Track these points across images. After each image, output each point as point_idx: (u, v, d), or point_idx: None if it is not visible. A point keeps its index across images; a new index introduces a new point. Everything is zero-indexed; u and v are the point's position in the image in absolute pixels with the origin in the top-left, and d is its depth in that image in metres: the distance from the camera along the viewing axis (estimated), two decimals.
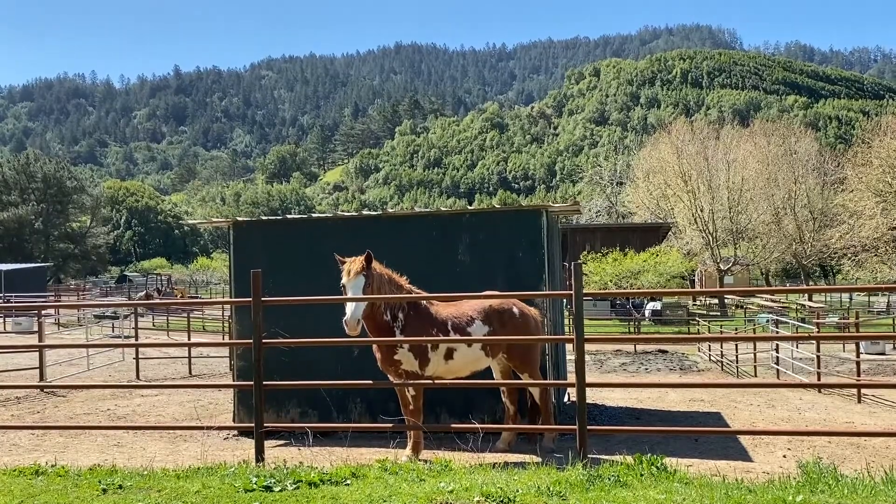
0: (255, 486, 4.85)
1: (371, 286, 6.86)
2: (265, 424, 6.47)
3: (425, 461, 6.18)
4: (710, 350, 21.74)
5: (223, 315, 29.78)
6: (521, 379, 7.88)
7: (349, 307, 6.60)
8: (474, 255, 9.12)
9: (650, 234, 44.78)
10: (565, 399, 11.36)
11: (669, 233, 49.35)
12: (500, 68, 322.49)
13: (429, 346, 7.25)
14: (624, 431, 8.44)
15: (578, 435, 5.90)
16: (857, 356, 14.30)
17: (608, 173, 72.47)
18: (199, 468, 5.57)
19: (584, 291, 6.10)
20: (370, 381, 7.53)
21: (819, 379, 14.26)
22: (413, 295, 7.37)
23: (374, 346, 7.37)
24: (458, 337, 7.35)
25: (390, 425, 7.06)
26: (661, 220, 50.86)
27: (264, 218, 11.08)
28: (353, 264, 6.89)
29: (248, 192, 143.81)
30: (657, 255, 38.83)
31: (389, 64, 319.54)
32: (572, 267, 6.10)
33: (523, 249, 8.98)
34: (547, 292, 8.85)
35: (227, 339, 23.36)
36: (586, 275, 37.05)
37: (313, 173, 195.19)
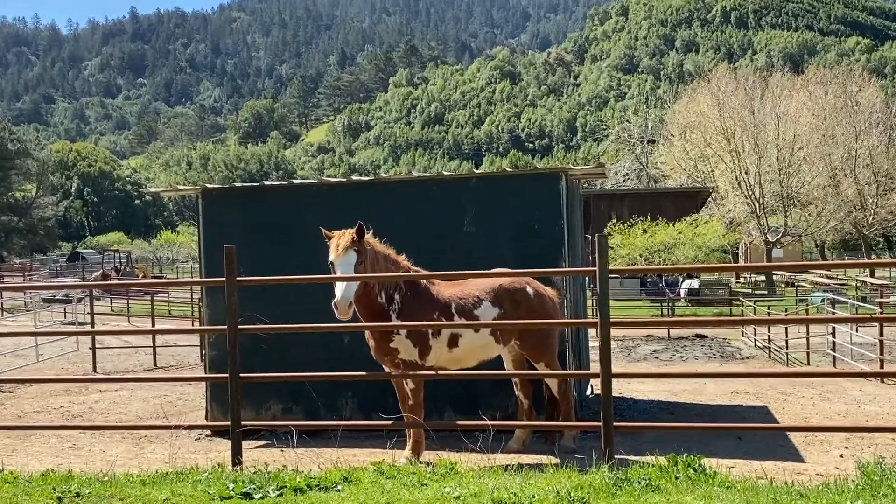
0: (231, 494, 4.85)
1: (363, 263, 6.88)
2: (243, 422, 6.52)
3: (427, 463, 6.23)
4: (755, 335, 21.81)
5: (192, 298, 29.94)
6: (536, 369, 7.92)
7: (338, 288, 6.62)
8: (482, 226, 9.12)
9: (687, 201, 44.67)
10: (588, 392, 11.43)
11: (709, 199, 49.22)
12: (510, 7, 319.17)
13: (430, 331, 7.29)
14: (656, 428, 8.49)
15: (603, 432, 5.94)
16: None
17: (638, 130, 72.07)
18: (167, 473, 5.61)
19: (610, 268, 6.09)
20: (363, 373, 7.58)
21: (882, 367, 14.30)
22: (411, 273, 7.39)
23: (368, 333, 7.41)
24: (463, 321, 7.38)
25: (387, 423, 7.10)
26: (699, 185, 50.71)
27: (238, 185, 11.06)
28: (342, 238, 6.90)
29: (219, 154, 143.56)
30: (695, 226, 38.77)
31: (381, 3, 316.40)
32: (596, 239, 6.09)
33: (539, 219, 8.98)
34: (567, 269, 8.85)
35: (196, 326, 23.48)
36: (612, 248, 37.07)
37: (294, 133, 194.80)
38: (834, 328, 17.52)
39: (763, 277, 45.29)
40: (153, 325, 21.84)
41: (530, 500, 4.51)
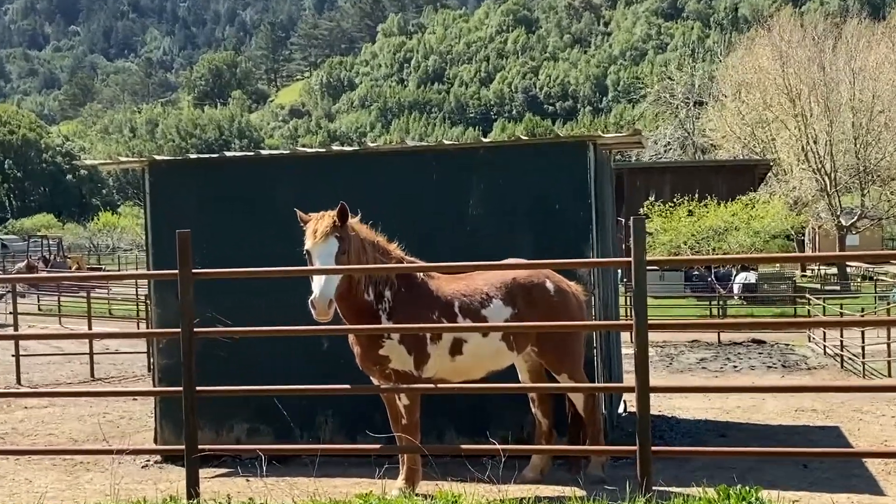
0: None
1: (347, 253, 6.91)
2: (200, 446, 6.54)
3: (425, 496, 6.25)
4: (824, 339, 21.84)
5: (137, 294, 29.99)
6: (557, 381, 7.95)
7: (317, 283, 6.65)
8: (491, 207, 9.14)
9: (741, 177, 44.67)
10: (620, 409, 11.48)
11: (769, 174, 49.23)
12: None
13: (428, 335, 7.33)
14: (704, 453, 8.52)
15: (639, 459, 5.96)
16: None
17: (682, 89, 71.89)
18: None
19: (648, 258, 6.09)
20: (346, 387, 7.60)
21: None
22: (406, 265, 7.42)
23: (352, 338, 7.44)
24: (468, 323, 7.42)
25: (375, 447, 7.14)
26: (756, 157, 50.70)
27: (193, 157, 11.07)
28: (320, 222, 6.92)
29: (170, 119, 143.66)
30: (751, 207, 38.79)
31: None
32: (631, 224, 6.09)
33: (561, 199, 8.98)
34: (596, 260, 8.87)
35: (143, 329, 23.53)
36: (650, 234, 37.05)
37: (261, 92, 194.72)
38: None
39: (834, 270, 45.37)
40: (90, 328, 21.87)
41: None
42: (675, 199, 39.59)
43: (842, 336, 20.36)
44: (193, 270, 6.58)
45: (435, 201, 9.23)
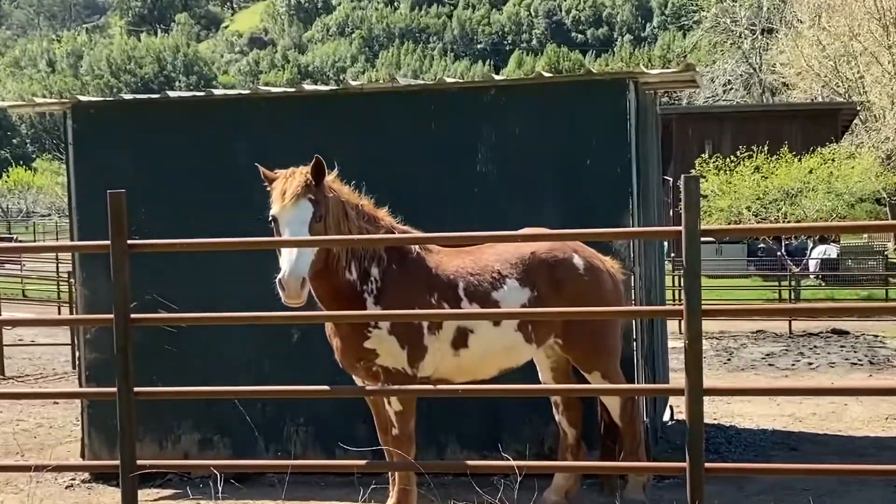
0: None
1: (324, 220, 6.88)
2: (140, 462, 6.55)
3: None
4: None
5: (58, 271, 29.93)
6: (587, 382, 7.98)
7: (286, 257, 6.61)
8: (506, 163, 9.14)
9: (821, 124, 44.52)
10: (666, 417, 11.54)
11: (855, 121, 49.07)
12: None
13: (425, 324, 7.33)
14: (770, 472, 8.52)
15: (689, 478, 5.97)
16: None
17: (746, 13, 71.49)
18: None
19: (703, 227, 6.08)
20: (324, 388, 7.61)
21: None
22: (398, 236, 7.41)
23: (330, 327, 7.44)
24: (476, 308, 7.43)
25: (358, 462, 7.16)
26: (840, 99, 50.50)
27: (128, 97, 11.00)
28: (290, 182, 6.87)
29: (98, 50, 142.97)
30: (833, 162, 38.71)
31: None
32: (682, 184, 6.08)
33: (593, 153, 8.97)
34: (636, 229, 8.87)
35: (66, 314, 23.46)
36: (706, 197, 36.96)
37: (212, 16, 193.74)
38: None
39: None
40: None
41: None
42: (737, 153, 39.44)
43: None
44: (130, 241, 6.52)
45: (434, 156, 9.21)
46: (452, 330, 7.41)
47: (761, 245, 39.07)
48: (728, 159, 39.25)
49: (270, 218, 6.90)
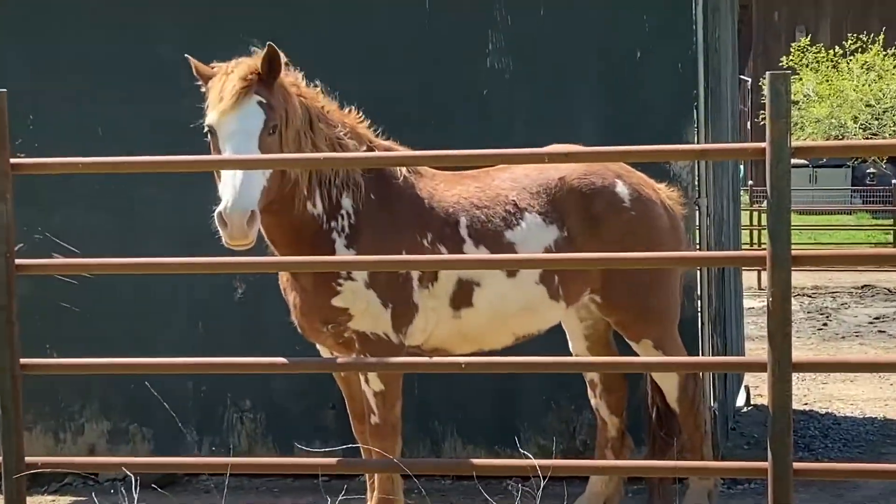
0: None
1: (279, 131, 6.82)
2: (29, 459, 6.48)
3: None
4: None
5: None
6: (633, 354, 7.94)
7: (227, 183, 6.48)
8: (526, 56, 9.08)
9: None
10: (740, 401, 11.63)
11: None
12: None
13: (414, 275, 7.29)
14: (881, 474, 8.42)
15: (772, 482, 5.88)
16: None
17: None
18: None
19: (795, 144, 5.95)
20: (278, 360, 7.47)
21: None
22: (379, 154, 7.31)
23: (286, 279, 7.43)
24: (483, 253, 7.36)
25: (326, 461, 7.09)
26: None
27: None
28: (232, 78, 6.76)
29: None
30: None
31: None
32: (766, 83, 5.94)
33: (644, 41, 8.95)
34: (703, 146, 8.77)
35: None
36: (797, 103, 36.87)
37: None
38: None
39: None
40: None
41: None
42: (841, 44, 39.18)
43: None
44: (13, 160, 6.43)
45: (430, 48, 9.17)
46: (452, 282, 7.35)
47: (871, 170, 38.93)
48: (830, 52, 39.01)
49: (206, 129, 6.78)
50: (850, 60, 37.83)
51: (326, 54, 8.28)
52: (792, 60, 38.49)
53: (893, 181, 37.10)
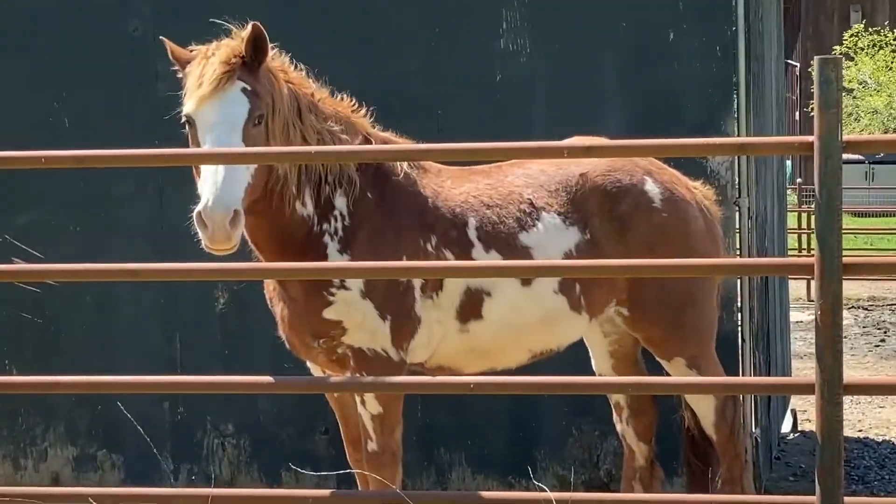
0: None
1: (265, 122, 6.84)
2: None
3: None
4: None
5: None
6: (665, 373, 7.94)
7: (208, 179, 6.51)
8: (545, 36, 9.09)
9: None
10: (785, 427, 11.60)
11: None
12: None
13: (416, 283, 7.30)
14: None
15: None
16: None
17: None
18: None
19: (847, 137, 5.99)
20: (263, 379, 7.54)
21: None
22: (379, 147, 7.31)
23: (272, 288, 7.45)
24: (494, 258, 7.38)
25: (317, 492, 7.11)
26: None
27: None
28: (212, 62, 6.79)
29: None
30: None
31: None
32: (815, 69, 5.98)
33: (678, 20, 8.95)
34: (745, 139, 8.80)
35: None
36: (851, 92, 36.78)
37: None
38: None
39: None
40: None
41: None
42: None
43: None
44: None
45: (434, 27, 9.18)
46: (459, 292, 7.37)
47: None
48: (889, 35, 38.96)
49: (184, 119, 6.81)
50: None
51: (316, 34, 8.30)
52: (846, 44, 38.38)
53: None
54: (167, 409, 9.22)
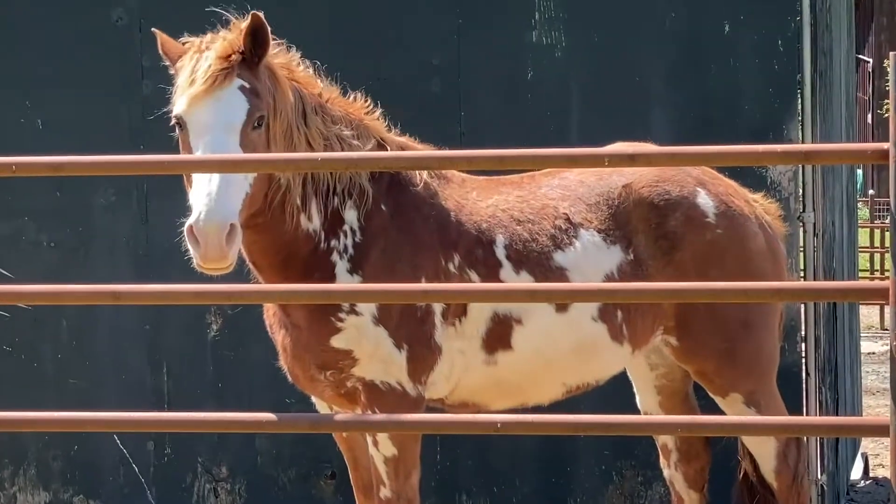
0: None
1: (265, 124, 6.84)
2: None
3: None
4: None
5: None
6: (719, 411, 7.87)
7: (201, 189, 6.49)
8: (581, 30, 9.11)
9: None
10: (856, 474, 11.53)
11: None
12: None
13: (437, 308, 7.28)
14: None
15: None
16: None
17: None
18: None
19: None
20: (263, 415, 7.49)
21: None
22: (396, 154, 7.23)
23: (273, 313, 7.45)
24: (525, 280, 7.35)
25: None
26: None
27: None
28: (205, 55, 6.79)
29: None
30: None
31: None
32: (891, 63, 5.92)
33: (734, 11, 8.94)
34: (811, 146, 8.73)
35: None
36: None
37: None
38: None
39: None
40: None
41: None
42: None
43: None
44: None
45: (458, 18, 9.16)
46: (485, 318, 7.35)
47: None
48: None
49: (174, 120, 6.80)
50: None
51: (323, 26, 8.28)
52: None
53: None
54: (152, 450, 9.20)
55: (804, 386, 8.94)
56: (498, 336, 7.34)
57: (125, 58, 8.45)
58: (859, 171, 12.46)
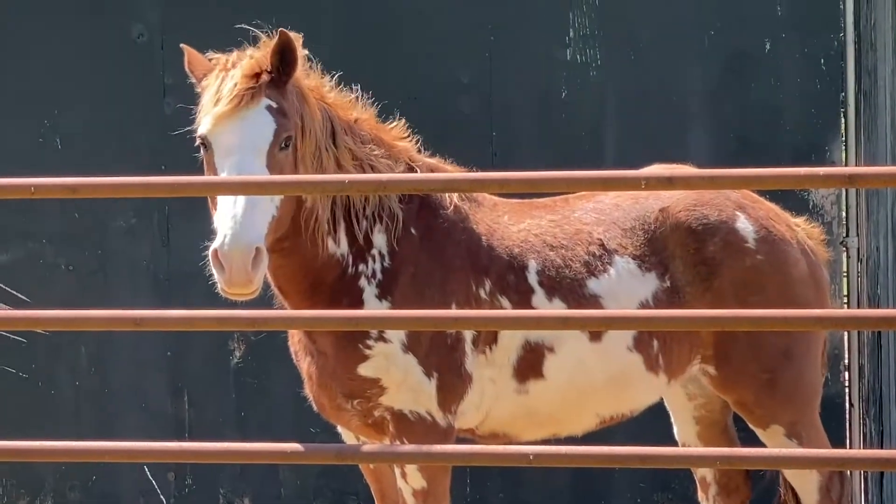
0: None
1: (294, 144, 6.85)
2: None
3: None
4: None
5: None
6: (761, 443, 7.83)
7: (226, 212, 6.51)
8: (618, 44, 9.10)
9: None
10: None
11: None
12: None
13: (467, 336, 7.27)
14: None
15: None
16: None
17: None
18: None
19: None
20: (288, 446, 7.50)
21: None
22: (422, 176, 7.22)
23: (299, 340, 7.43)
24: (559, 307, 7.33)
25: None
26: None
27: None
28: (231, 73, 6.81)
29: None
30: None
31: None
32: None
33: (774, 26, 8.94)
34: (856, 169, 8.69)
35: None
36: None
37: None
38: None
39: None
40: None
41: None
42: None
43: None
44: None
45: (490, 34, 9.18)
46: (517, 346, 7.34)
47: None
48: None
49: (199, 140, 6.84)
50: None
51: (355, 44, 8.32)
52: None
53: None
54: (173, 481, 9.18)
55: (847, 417, 8.92)
56: (530, 364, 7.33)
57: (146, 75, 8.46)
58: None
